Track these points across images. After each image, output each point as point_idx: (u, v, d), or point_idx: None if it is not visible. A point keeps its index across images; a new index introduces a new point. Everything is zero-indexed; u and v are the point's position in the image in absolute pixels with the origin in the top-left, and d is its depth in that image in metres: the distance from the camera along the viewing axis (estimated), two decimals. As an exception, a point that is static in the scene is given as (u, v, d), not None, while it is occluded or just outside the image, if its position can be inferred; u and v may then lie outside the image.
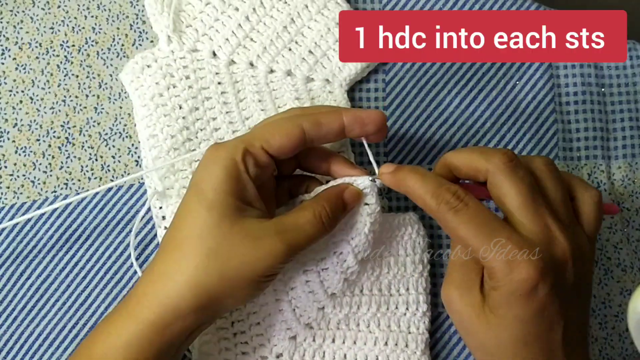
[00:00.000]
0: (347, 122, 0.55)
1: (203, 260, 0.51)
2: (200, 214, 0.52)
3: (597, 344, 0.66)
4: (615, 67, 0.70)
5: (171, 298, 0.51)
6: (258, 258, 0.51)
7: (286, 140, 0.54)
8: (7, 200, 0.66)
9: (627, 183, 0.69)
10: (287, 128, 0.54)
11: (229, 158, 0.53)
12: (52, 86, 0.67)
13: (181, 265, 0.51)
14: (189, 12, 0.66)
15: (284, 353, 0.61)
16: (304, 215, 0.53)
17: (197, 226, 0.52)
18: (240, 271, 0.51)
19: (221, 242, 0.51)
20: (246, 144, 0.54)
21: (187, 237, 0.52)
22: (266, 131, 0.55)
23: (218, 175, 0.52)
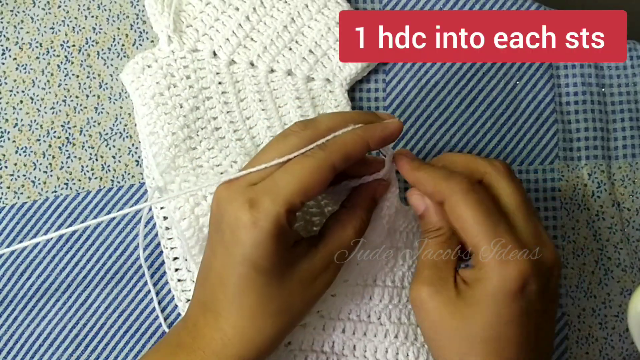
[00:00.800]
0: (372, 146, 0.52)
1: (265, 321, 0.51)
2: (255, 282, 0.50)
3: (598, 344, 0.66)
4: (615, 67, 0.70)
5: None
6: (320, 294, 0.53)
7: (321, 187, 0.50)
8: (7, 200, 0.66)
9: (627, 183, 0.69)
10: (322, 173, 0.50)
11: (274, 221, 0.48)
12: (52, 86, 0.67)
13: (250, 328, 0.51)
14: (189, 12, 0.66)
15: (293, 342, 0.61)
16: (348, 236, 0.53)
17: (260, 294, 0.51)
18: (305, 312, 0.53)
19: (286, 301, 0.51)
20: (288, 205, 0.49)
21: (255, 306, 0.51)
22: (302, 181, 0.49)
23: (266, 244, 0.48)
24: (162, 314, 0.65)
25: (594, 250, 0.68)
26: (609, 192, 0.69)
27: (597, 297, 0.67)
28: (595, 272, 0.68)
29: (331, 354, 0.61)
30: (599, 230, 0.68)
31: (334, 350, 0.61)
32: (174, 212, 0.61)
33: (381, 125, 0.53)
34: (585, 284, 0.67)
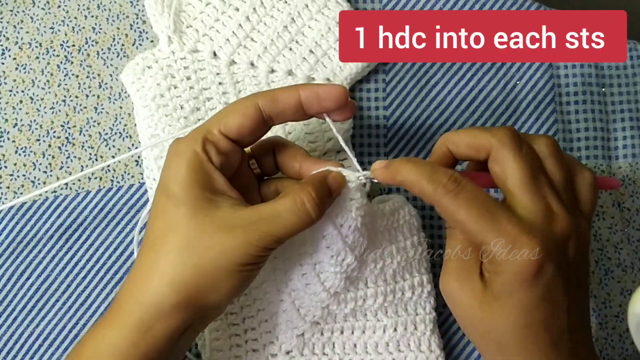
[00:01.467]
0: (304, 97, 0.53)
1: (177, 255, 0.50)
2: (169, 211, 0.51)
3: (598, 344, 0.66)
4: (615, 67, 0.70)
5: (150, 297, 0.50)
6: (233, 247, 0.50)
7: (243, 119, 0.53)
8: (7, 200, 0.66)
9: (627, 183, 0.69)
10: (242, 107, 0.53)
11: (189, 150, 0.52)
12: (52, 86, 0.67)
13: (156, 264, 0.51)
14: (189, 12, 0.66)
15: (293, 350, 0.61)
16: (283, 203, 0.51)
17: (167, 223, 0.51)
18: (216, 262, 0.50)
19: (194, 235, 0.50)
20: (204, 132, 0.52)
21: (159, 236, 0.51)
22: (222, 115, 0.53)
23: (181, 170, 0.51)
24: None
25: (594, 250, 0.68)
26: (609, 192, 0.68)
27: (597, 297, 0.67)
28: (595, 272, 0.67)
29: (333, 355, 0.61)
30: (599, 230, 0.68)
31: (335, 351, 0.61)
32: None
33: (319, 83, 0.55)
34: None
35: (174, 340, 0.52)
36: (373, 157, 0.67)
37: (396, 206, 0.61)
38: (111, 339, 0.50)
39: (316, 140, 0.65)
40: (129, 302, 0.51)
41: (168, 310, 0.50)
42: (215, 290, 0.51)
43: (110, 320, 0.52)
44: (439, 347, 0.62)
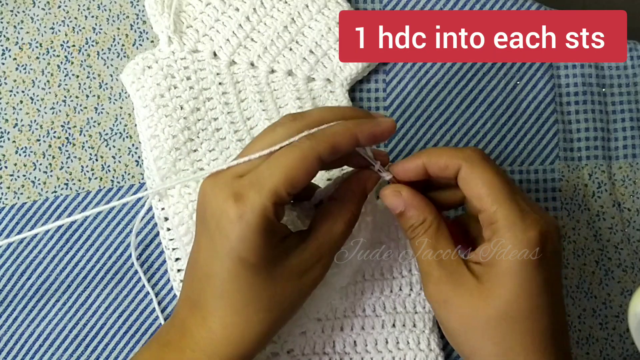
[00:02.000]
0: (362, 141, 0.51)
1: (263, 314, 0.51)
2: (244, 278, 0.49)
3: (598, 344, 0.66)
4: (616, 67, 0.70)
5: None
6: (306, 292, 0.52)
7: (308, 178, 0.49)
8: (7, 200, 0.66)
9: (628, 183, 0.69)
10: (307, 164, 0.49)
11: (261, 215, 0.47)
12: (52, 86, 0.67)
13: (241, 326, 0.51)
14: (189, 12, 0.66)
15: (295, 348, 0.61)
16: (338, 229, 0.52)
17: (244, 289, 0.50)
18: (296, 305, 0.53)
19: (277, 294, 0.51)
20: (275, 197, 0.48)
21: (248, 302, 0.50)
22: (287, 172, 0.48)
23: (254, 237, 0.48)
24: (162, 314, 0.65)
25: (594, 250, 0.68)
26: (609, 192, 0.68)
27: (598, 297, 0.67)
28: (595, 273, 0.67)
29: (333, 354, 0.61)
30: (600, 231, 0.68)
31: (335, 350, 0.61)
32: (173, 217, 0.61)
33: (373, 121, 0.52)
34: (586, 284, 0.67)
35: None
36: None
37: None
38: None
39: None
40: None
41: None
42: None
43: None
44: (439, 346, 0.62)
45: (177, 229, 0.61)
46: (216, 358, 0.50)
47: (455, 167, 0.52)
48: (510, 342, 0.51)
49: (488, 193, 0.50)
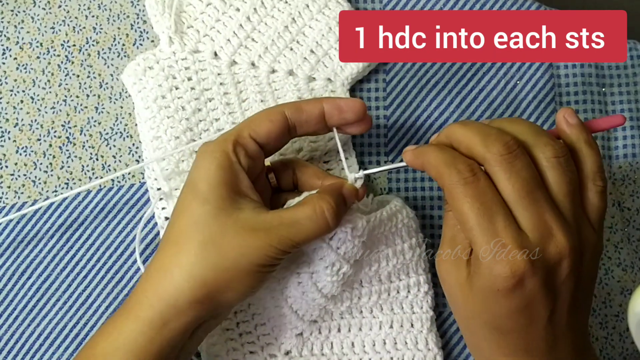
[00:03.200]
0: (327, 109, 0.57)
1: (198, 252, 0.51)
2: (195, 208, 0.52)
3: (598, 343, 0.66)
4: (616, 66, 0.70)
5: (169, 293, 0.51)
6: (254, 248, 0.51)
7: (271, 125, 0.55)
8: (8, 200, 0.66)
9: (627, 182, 0.69)
10: (270, 114, 0.56)
11: (220, 150, 0.54)
12: (52, 86, 0.68)
13: (177, 259, 0.52)
14: (190, 13, 0.66)
15: (292, 350, 0.61)
16: (303, 210, 0.53)
17: (192, 220, 0.52)
18: (236, 262, 0.51)
19: (216, 234, 0.51)
20: (235, 135, 0.55)
21: (183, 232, 0.52)
22: (251, 120, 0.56)
23: (210, 169, 0.53)
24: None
25: (594, 250, 0.68)
26: (609, 191, 0.68)
27: (598, 296, 0.67)
28: (595, 272, 0.68)
29: (331, 355, 0.61)
30: (600, 230, 0.68)
31: (333, 351, 0.61)
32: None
33: (341, 97, 0.58)
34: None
35: (187, 337, 0.53)
36: (373, 156, 0.68)
37: (394, 210, 0.61)
38: (128, 333, 0.51)
39: (317, 140, 0.65)
40: (148, 296, 0.52)
41: (185, 306, 0.51)
42: (232, 289, 0.52)
43: (127, 314, 0.52)
44: (437, 345, 0.62)
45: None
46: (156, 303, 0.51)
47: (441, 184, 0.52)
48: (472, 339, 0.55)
49: (465, 225, 0.50)
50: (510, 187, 0.50)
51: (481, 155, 0.51)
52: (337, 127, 0.59)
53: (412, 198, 0.67)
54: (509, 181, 0.50)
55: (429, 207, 0.67)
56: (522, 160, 0.50)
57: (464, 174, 0.50)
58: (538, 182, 0.50)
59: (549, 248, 0.49)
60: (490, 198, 0.49)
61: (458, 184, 0.50)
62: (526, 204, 0.49)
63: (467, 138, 0.52)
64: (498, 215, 0.49)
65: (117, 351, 0.51)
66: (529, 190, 0.49)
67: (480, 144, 0.51)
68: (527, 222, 0.49)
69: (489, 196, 0.50)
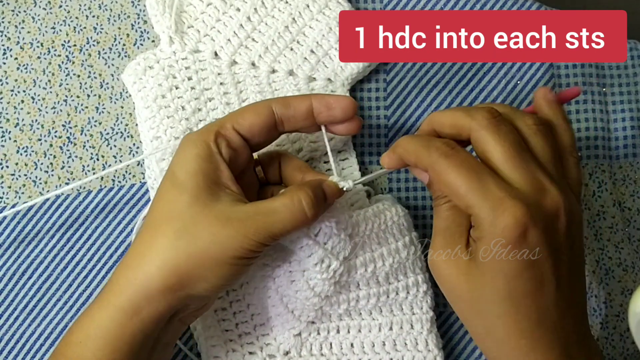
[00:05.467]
0: (315, 105, 0.56)
1: (171, 240, 0.51)
2: (171, 196, 0.52)
3: (599, 343, 0.66)
4: (616, 66, 0.70)
5: (140, 279, 0.51)
6: (228, 238, 0.51)
7: (256, 117, 0.55)
8: (8, 199, 0.66)
9: (628, 182, 0.69)
10: (256, 107, 0.56)
11: (201, 140, 0.54)
12: (53, 86, 0.68)
13: (151, 246, 0.52)
14: (190, 12, 0.67)
15: (292, 350, 0.61)
16: (281, 200, 0.53)
17: (168, 208, 0.52)
18: (208, 251, 0.51)
19: (191, 222, 0.51)
20: (217, 126, 0.55)
21: (158, 220, 0.52)
22: (236, 113, 0.56)
23: (189, 158, 0.53)
24: (163, 313, 0.65)
25: (595, 249, 0.68)
26: (610, 191, 0.69)
27: (598, 296, 0.67)
28: (596, 272, 0.68)
29: (330, 355, 0.61)
30: (600, 230, 0.68)
31: (332, 352, 0.61)
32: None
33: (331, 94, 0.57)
34: (587, 283, 0.67)
35: (160, 326, 0.53)
36: (374, 156, 0.68)
37: (381, 208, 0.61)
38: (100, 321, 0.51)
39: (318, 140, 0.65)
40: (120, 282, 0.52)
41: (156, 293, 0.51)
42: (204, 279, 0.52)
43: (100, 302, 0.52)
44: (437, 346, 0.62)
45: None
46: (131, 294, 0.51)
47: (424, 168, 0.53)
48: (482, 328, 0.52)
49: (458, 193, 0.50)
50: (499, 148, 0.50)
51: (467, 124, 0.52)
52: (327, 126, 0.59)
53: (413, 198, 0.67)
54: (497, 142, 0.50)
55: (429, 207, 0.67)
56: (507, 125, 0.51)
57: (443, 149, 0.51)
58: (524, 146, 0.51)
59: (545, 201, 0.49)
60: (475, 163, 0.50)
61: (439, 158, 0.51)
62: (517, 163, 0.50)
63: (449, 116, 0.54)
64: (487, 176, 0.49)
65: (89, 338, 0.51)
66: (519, 151, 0.50)
67: (464, 116, 0.52)
68: (519, 179, 0.50)
69: (473, 162, 0.50)
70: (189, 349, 0.64)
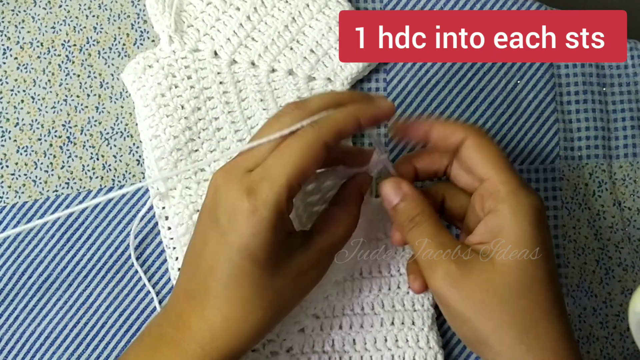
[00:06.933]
0: (364, 124, 0.52)
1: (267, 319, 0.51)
2: (249, 273, 0.50)
3: (599, 343, 0.66)
4: (616, 66, 0.70)
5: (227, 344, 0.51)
6: (305, 291, 0.54)
7: (317, 166, 0.50)
8: (8, 199, 0.66)
9: (628, 182, 0.69)
10: (315, 154, 0.49)
11: (275, 211, 0.48)
12: (53, 85, 0.68)
13: (243, 320, 0.51)
14: (190, 12, 0.66)
15: (294, 346, 0.61)
16: (340, 232, 0.54)
17: (248, 285, 0.50)
18: (293, 307, 0.54)
19: (275, 293, 0.51)
20: (288, 189, 0.48)
21: (242, 301, 0.51)
22: (297, 163, 0.49)
23: (267, 237, 0.48)
24: (163, 313, 0.65)
25: (595, 249, 0.68)
26: (610, 191, 0.68)
27: (598, 296, 0.67)
28: (596, 272, 0.68)
29: (332, 352, 0.61)
30: (600, 230, 0.68)
31: (334, 349, 0.61)
32: (173, 217, 0.62)
33: (373, 105, 0.53)
34: (587, 283, 0.67)
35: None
36: (374, 156, 0.68)
37: None
38: None
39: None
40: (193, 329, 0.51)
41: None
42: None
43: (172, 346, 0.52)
44: (438, 343, 0.62)
45: (177, 228, 0.61)
46: (212, 351, 0.50)
47: (459, 136, 0.54)
48: (528, 308, 0.51)
49: (495, 163, 0.52)
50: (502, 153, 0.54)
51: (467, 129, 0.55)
52: None
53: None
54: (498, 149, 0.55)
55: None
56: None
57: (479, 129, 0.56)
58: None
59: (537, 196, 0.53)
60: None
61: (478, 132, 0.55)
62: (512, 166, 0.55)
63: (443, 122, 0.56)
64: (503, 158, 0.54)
65: None
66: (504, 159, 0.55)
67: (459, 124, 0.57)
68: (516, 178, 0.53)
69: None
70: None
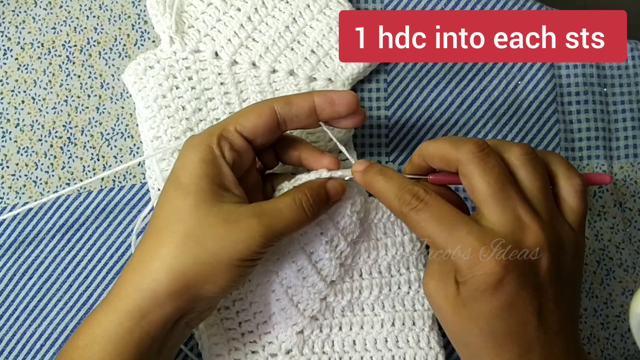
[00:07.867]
0: (318, 102, 0.56)
1: (178, 244, 0.51)
2: (176, 200, 0.52)
3: (599, 344, 0.66)
4: (617, 67, 0.70)
5: (147, 284, 0.51)
6: (235, 241, 0.51)
7: (258, 119, 0.55)
8: (9, 200, 0.66)
9: (629, 183, 0.69)
10: (258, 108, 0.56)
11: (204, 144, 0.54)
12: (54, 86, 0.68)
13: (157, 251, 0.52)
14: (190, 13, 0.67)
15: (294, 348, 0.61)
16: (283, 200, 0.54)
17: (173, 212, 0.52)
18: (216, 254, 0.51)
19: (197, 226, 0.51)
20: (220, 129, 0.55)
21: (164, 224, 0.52)
22: (239, 114, 0.56)
23: (193, 161, 0.53)
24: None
25: (595, 250, 0.68)
26: (610, 192, 0.68)
27: (599, 297, 0.67)
28: (597, 272, 0.67)
29: (332, 353, 0.61)
30: (601, 231, 0.68)
31: (334, 350, 0.61)
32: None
33: (332, 90, 0.56)
34: (587, 284, 0.67)
35: (167, 329, 0.53)
36: (374, 156, 0.68)
37: None
38: (107, 324, 0.51)
39: (318, 140, 0.65)
40: (127, 287, 0.52)
41: (164, 297, 0.51)
42: (211, 282, 0.52)
43: (107, 306, 0.52)
44: (439, 344, 0.62)
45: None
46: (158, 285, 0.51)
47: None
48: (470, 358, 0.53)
49: (435, 244, 0.51)
50: (484, 184, 0.50)
51: (454, 157, 0.52)
52: (330, 121, 0.58)
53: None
54: (483, 178, 0.50)
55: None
56: (494, 158, 0.51)
57: (413, 204, 0.52)
58: (510, 179, 0.51)
59: (524, 239, 0.49)
60: (446, 213, 0.51)
61: (410, 212, 0.52)
62: (497, 198, 0.50)
63: (438, 148, 0.54)
64: (460, 225, 0.50)
65: (96, 342, 0.51)
66: (501, 186, 0.50)
67: (452, 148, 0.52)
68: (498, 217, 0.50)
69: (444, 213, 0.51)
70: (189, 349, 0.64)
